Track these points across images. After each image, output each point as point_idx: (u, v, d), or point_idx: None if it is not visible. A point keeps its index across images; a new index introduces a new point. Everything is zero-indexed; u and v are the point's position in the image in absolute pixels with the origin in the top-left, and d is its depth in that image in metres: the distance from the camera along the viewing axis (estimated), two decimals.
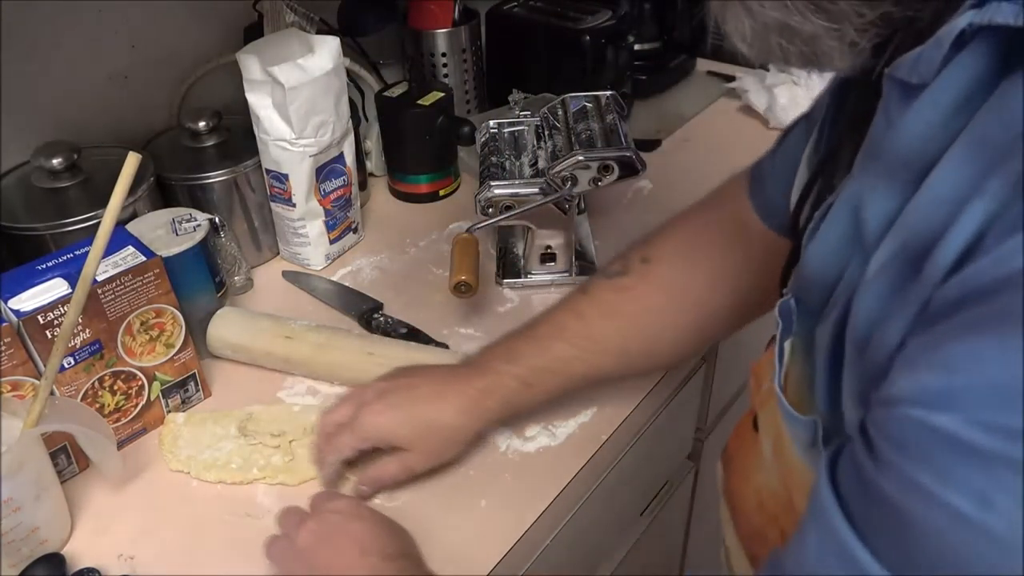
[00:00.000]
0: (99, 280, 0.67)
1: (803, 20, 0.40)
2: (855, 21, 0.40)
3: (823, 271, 0.45)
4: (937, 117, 0.36)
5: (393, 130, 1.06)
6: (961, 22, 0.34)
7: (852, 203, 0.42)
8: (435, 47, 1.18)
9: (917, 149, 0.37)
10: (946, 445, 0.29)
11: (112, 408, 0.73)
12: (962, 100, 0.35)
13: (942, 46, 0.35)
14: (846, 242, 0.43)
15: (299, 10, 0.99)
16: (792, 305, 0.50)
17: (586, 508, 0.76)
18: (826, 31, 0.40)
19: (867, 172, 0.41)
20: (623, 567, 0.94)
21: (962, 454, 0.29)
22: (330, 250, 0.97)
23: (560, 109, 0.93)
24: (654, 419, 0.84)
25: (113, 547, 0.66)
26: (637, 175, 0.85)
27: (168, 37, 0.99)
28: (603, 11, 1.20)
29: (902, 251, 0.36)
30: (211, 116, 0.92)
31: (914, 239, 0.35)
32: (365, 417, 0.66)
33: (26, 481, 0.61)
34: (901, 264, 0.36)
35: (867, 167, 0.41)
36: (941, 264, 0.33)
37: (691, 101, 1.31)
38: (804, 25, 0.40)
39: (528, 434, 0.75)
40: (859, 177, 0.42)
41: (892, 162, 0.39)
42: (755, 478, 0.59)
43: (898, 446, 0.32)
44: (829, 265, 0.44)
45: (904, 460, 0.31)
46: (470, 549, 0.65)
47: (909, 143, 0.37)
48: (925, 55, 0.36)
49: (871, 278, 0.38)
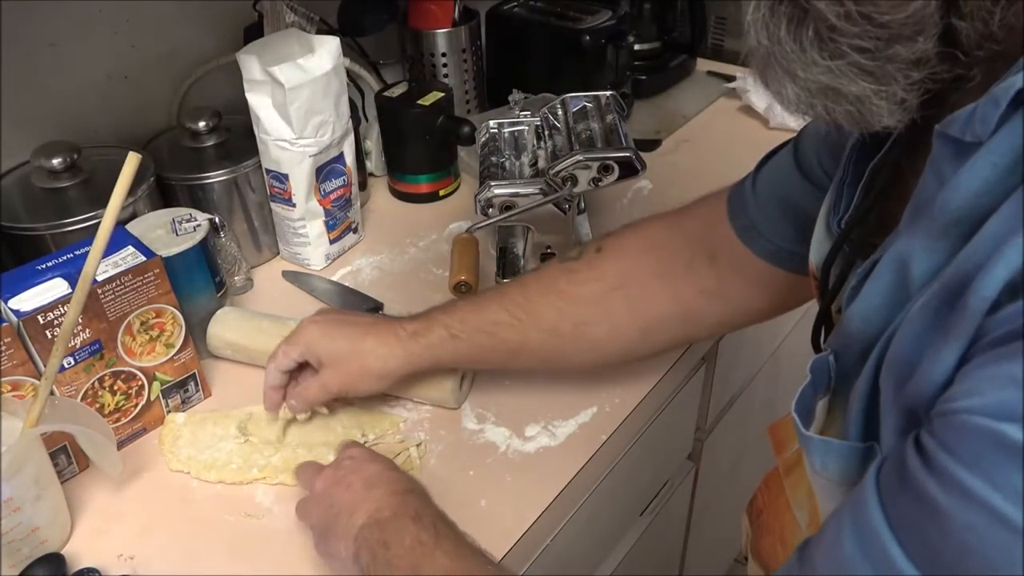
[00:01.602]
0: (99, 280, 0.67)
1: (850, 82, 0.40)
2: (902, 82, 0.40)
3: (866, 328, 0.44)
4: (995, 175, 0.36)
5: (393, 130, 1.06)
6: (1018, 81, 0.34)
7: (899, 260, 0.41)
8: (435, 47, 1.18)
9: (970, 206, 0.37)
10: (1004, 451, 0.30)
11: (112, 408, 0.73)
12: (1020, 157, 0.35)
13: (999, 105, 0.35)
14: (891, 299, 0.42)
15: (299, 10, 0.99)
16: (831, 361, 0.48)
17: (586, 508, 0.76)
18: (874, 92, 0.40)
19: (916, 229, 0.40)
20: (623, 567, 0.94)
21: (1016, 460, 0.30)
22: (330, 250, 0.97)
23: (560, 109, 0.93)
24: (654, 419, 0.84)
25: (113, 547, 0.66)
26: (637, 175, 0.85)
27: (168, 37, 0.99)
28: (603, 11, 1.20)
29: (941, 290, 0.37)
30: (211, 116, 0.92)
31: (955, 277, 0.36)
32: (299, 328, 0.72)
33: (26, 481, 0.61)
34: (938, 302, 0.37)
35: (916, 224, 0.41)
36: (984, 293, 0.33)
37: (691, 101, 1.31)
38: (851, 87, 0.40)
39: (528, 434, 0.75)
40: (907, 234, 0.41)
41: (944, 220, 0.38)
42: (792, 542, 0.58)
43: (953, 451, 0.32)
44: (872, 322, 0.44)
45: (958, 465, 0.32)
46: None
47: (963, 200, 0.37)
48: (979, 113, 0.36)
49: (911, 318, 0.38)
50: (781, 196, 0.65)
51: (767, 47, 0.42)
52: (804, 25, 0.40)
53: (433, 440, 0.75)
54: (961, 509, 0.32)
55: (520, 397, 0.78)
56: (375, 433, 0.75)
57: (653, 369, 0.81)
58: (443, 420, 0.77)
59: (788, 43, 0.41)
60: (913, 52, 0.39)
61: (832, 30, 0.39)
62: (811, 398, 0.49)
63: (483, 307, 0.71)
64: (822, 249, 0.55)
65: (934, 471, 0.33)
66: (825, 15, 0.39)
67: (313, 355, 0.71)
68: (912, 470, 0.34)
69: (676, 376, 0.85)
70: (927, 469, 0.33)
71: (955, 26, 0.38)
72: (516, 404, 0.77)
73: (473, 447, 0.74)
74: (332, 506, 0.60)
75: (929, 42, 0.39)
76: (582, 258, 0.72)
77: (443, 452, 0.74)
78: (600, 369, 0.78)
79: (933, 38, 0.39)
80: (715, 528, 1.26)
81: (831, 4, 0.38)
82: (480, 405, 0.78)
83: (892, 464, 0.36)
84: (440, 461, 0.73)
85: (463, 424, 0.76)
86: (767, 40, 0.42)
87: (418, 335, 0.70)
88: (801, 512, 0.57)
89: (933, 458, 0.33)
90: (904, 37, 0.38)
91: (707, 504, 1.18)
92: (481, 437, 0.75)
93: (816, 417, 0.49)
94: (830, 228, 0.54)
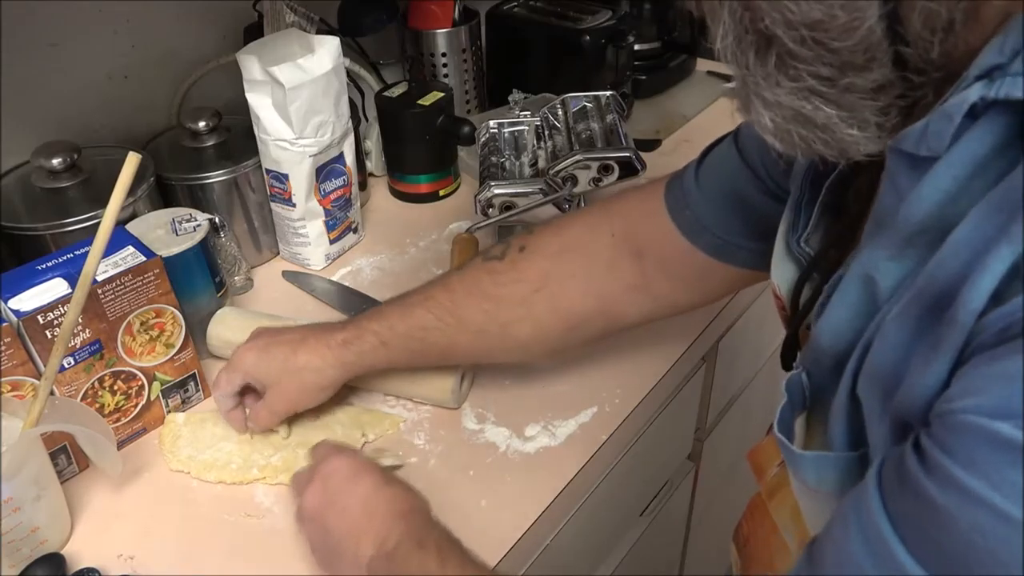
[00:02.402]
0: (99, 280, 0.67)
1: (815, 109, 0.41)
2: (870, 107, 0.40)
3: (836, 343, 0.45)
4: (954, 185, 0.37)
5: (393, 130, 1.06)
6: (971, 95, 0.35)
7: (863, 274, 0.42)
8: (435, 47, 1.18)
9: (934, 215, 0.38)
10: (1000, 449, 0.30)
11: (112, 408, 0.73)
12: (979, 167, 0.36)
13: (953, 119, 0.36)
14: (859, 312, 0.43)
15: (299, 10, 0.99)
16: (804, 379, 0.49)
17: (586, 508, 0.76)
18: (841, 119, 0.41)
19: (877, 243, 0.41)
20: (623, 567, 0.94)
21: (1014, 458, 0.30)
22: (330, 250, 0.97)
23: (560, 109, 0.93)
24: (654, 419, 0.84)
25: (113, 547, 0.66)
26: (637, 175, 0.85)
27: (168, 37, 0.99)
28: (603, 11, 1.20)
29: (917, 297, 0.37)
30: (211, 116, 0.92)
31: (931, 285, 0.36)
32: (236, 354, 0.73)
33: (26, 481, 0.61)
34: (919, 310, 0.37)
35: (877, 238, 0.42)
36: (972, 305, 0.33)
37: (691, 101, 1.31)
38: (816, 114, 0.41)
39: (528, 434, 0.75)
40: (868, 249, 0.42)
41: (906, 231, 0.39)
42: (781, 568, 0.58)
43: (951, 452, 0.32)
44: (842, 336, 0.44)
45: (955, 465, 0.32)
46: (470, 549, 0.65)
47: (926, 211, 0.38)
48: (932, 128, 0.37)
49: (886, 328, 0.39)
50: (728, 190, 0.66)
51: (739, 74, 0.44)
52: (769, 52, 0.41)
53: (433, 440, 0.75)
54: (962, 509, 0.32)
55: (520, 397, 0.78)
56: (375, 433, 0.75)
57: (653, 369, 0.81)
58: (443, 420, 0.77)
59: (757, 69, 0.42)
60: (870, 81, 0.40)
61: (792, 56, 0.40)
62: (790, 417, 0.49)
63: (410, 312, 0.71)
64: (785, 269, 0.55)
65: (933, 472, 0.33)
66: (784, 41, 0.40)
67: (253, 380, 0.72)
68: (912, 471, 0.34)
69: (676, 376, 0.85)
70: (925, 470, 0.33)
71: (902, 52, 0.39)
72: (516, 404, 0.77)
73: (473, 447, 0.74)
74: (329, 532, 0.59)
75: (883, 68, 0.40)
76: (505, 258, 0.72)
77: (443, 452, 0.74)
78: (528, 364, 0.79)
79: (887, 65, 0.40)
80: (715, 528, 1.26)
81: (788, 30, 0.39)
82: (480, 405, 0.78)
83: (892, 464, 0.37)
84: (440, 461, 0.73)
85: (463, 424, 0.76)
86: (737, 68, 0.44)
87: (349, 344, 0.70)
88: (789, 534, 0.57)
89: (931, 459, 0.33)
90: (857, 66, 0.40)
91: (707, 504, 1.18)
92: (481, 437, 0.75)
93: (796, 435, 0.50)
94: (790, 247, 0.55)
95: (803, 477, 0.47)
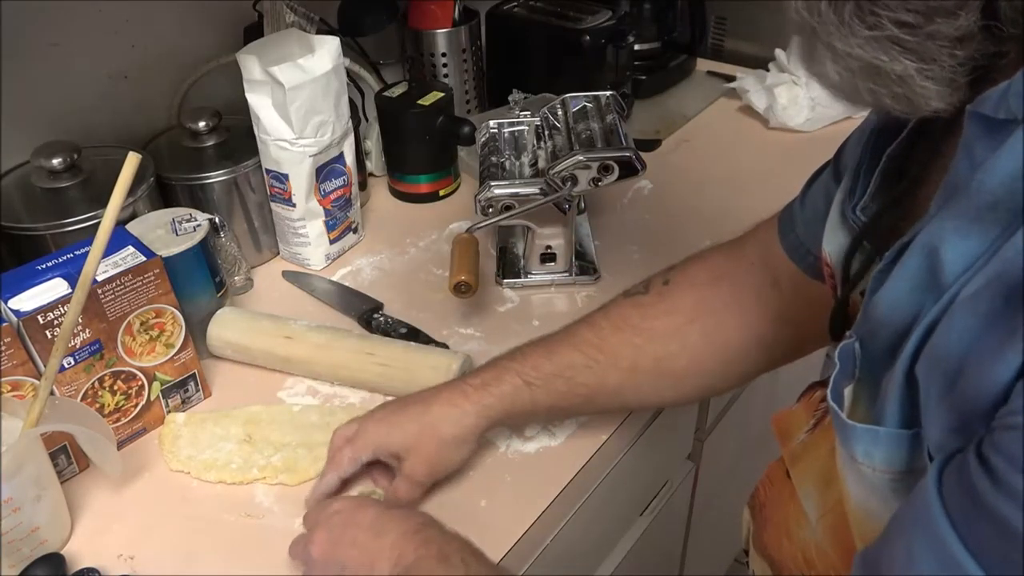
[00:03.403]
0: (99, 280, 0.67)
1: (892, 60, 0.39)
2: (947, 60, 0.39)
3: (894, 315, 0.43)
4: None
5: (393, 130, 1.06)
6: None
7: (929, 245, 0.40)
8: (435, 47, 1.18)
9: (1008, 189, 0.35)
10: None
11: (112, 408, 0.73)
12: None
13: None
14: (919, 285, 0.41)
15: (299, 10, 0.99)
16: (856, 348, 0.47)
17: (586, 508, 0.76)
18: (918, 71, 0.39)
19: (946, 213, 0.39)
20: (623, 567, 0.94)
21: None
22: (330, 250, 0.97)
23: (560, 109, 0.93)
24: (654, 419, 0.84)
25: (113, 547, 0.66)
26: (637, 175, 0.85)
27: (168, 37, 0.99)
28: (603, 11, 1.20)
29: (996, 281, 0.35)
30: (211, 116, 0.92)
31: (1008, 272, 0.34)
32: (361, 429, 0.67)
33: (26, 481, 0.61)
34: (995, 296, 0.35)
35: (946, 208, 0.39)
36: None
37: (691, 101, 1.31)
38: (893, 65, 0.39)
39: (528, 434, 0.74)
40: (937, 219, 0.40)
41: (979, 202, 0.37)
42: (798, 534, 0.56)
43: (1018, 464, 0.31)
44: (902, 308, 0.42)
45: None
46: None
47: (1001, 182, 0.35)
48: (1014, 89, 0.35)
49: (954, 311, 0.37)
50: (824, 212, 0.63)
51: (807, 20, 0.41)
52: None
53: None
54: None
55: None
56: None
57: None
58: None
59: (828, 16, 0.40)
60: (955, 28, 0.38)
61: (873, 2, 0.38)
62: (841, 386, 0.47)
63: (554, 351, 0.68)
64: (837, 237, 0.53)
65: (1005, 489, 0.31)
66: None
67: (385, 451, 0.66)
68: (981, 490, 0.33)
69: None
70: (996, 488, 0.32)
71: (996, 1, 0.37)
72: None
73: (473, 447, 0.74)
74: (344, 566, 0.57)
75: (972, 16, 0.37)
76: (650, 291, 0.69)
77: None
78: (675, 407, 0.74)
79: (976, 11, 0.37)
80: (715, 528, 1.26)
81: None
82: None
83: (956, 477, 0.35)
84: None
85: None
86: (807, 13, 0.41)
87: (488, 386, 0.66)
88: (809, 502, 0.55)
89: (1001, 476, 0.32)
90: (945, 11, 0.37)
91: (707, 504, 1.18)
92: (481, 437, 0.74)
93: (845, 405, 0.48)
94: (845, 215, 0.53)
95: (851, 448, 0.45)
